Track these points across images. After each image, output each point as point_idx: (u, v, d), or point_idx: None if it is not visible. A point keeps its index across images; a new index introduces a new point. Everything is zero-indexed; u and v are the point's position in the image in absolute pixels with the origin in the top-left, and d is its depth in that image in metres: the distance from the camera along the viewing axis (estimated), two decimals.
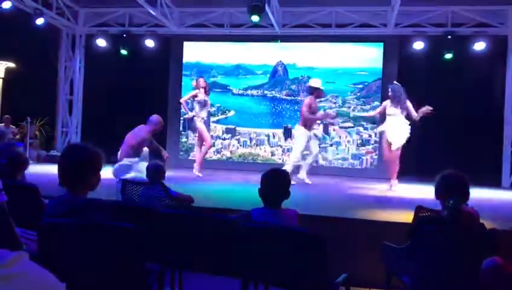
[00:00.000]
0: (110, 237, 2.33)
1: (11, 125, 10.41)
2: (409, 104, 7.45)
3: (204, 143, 8.62)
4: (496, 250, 2.59)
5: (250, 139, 11.08)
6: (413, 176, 8.81)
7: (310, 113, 7.68)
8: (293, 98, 11.00)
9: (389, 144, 7.53)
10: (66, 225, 2.30)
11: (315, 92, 7.88)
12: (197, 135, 8.85)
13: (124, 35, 10.90)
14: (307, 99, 7.95)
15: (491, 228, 2.87)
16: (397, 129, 7.46)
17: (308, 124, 7.75)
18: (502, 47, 9.65)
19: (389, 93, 7.64)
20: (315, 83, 8.00)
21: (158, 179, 4.12)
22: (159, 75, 11.12)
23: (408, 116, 7.46)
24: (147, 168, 4.28)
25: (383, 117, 7.72)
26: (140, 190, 4.14)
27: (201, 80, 8.75)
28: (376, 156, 10.38)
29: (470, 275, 2.56)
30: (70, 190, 2.34)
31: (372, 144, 10.48)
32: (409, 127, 7.47)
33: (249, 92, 11.23)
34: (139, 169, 5.36)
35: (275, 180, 2.93)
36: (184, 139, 11.33)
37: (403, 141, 7.48)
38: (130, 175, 5.26)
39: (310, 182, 7.89)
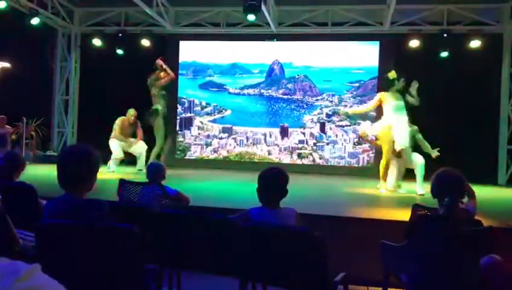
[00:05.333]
0: (108, 238, 2.32)
1: (7, 126, 10.36)
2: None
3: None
4: (493, 247, 2.60)
5: (247, 138, 11.07)
6: (410, 173, 8.80)
7: None
8: (289, 97, 11.00)
9: None
10: (64, 226, 2.29)
11: None
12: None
13: (120, 34, 10.89)
14: None
15: (488, 225, 2.88)
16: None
17: None
18: (497, 45, 9.69)
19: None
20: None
21: (157, 179, 4.12)
22: None
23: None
24: (147, 168, 4.27)
25: None
26: (138, 189, 4.14)
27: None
28: (373, 154, 10.39)
29: (468, 272, 2.57)
30: (69, 191, 2.33)
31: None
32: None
33: (245, 91, 11.22)
34: None
35: (274, 180, 2.91)
36: (181, 139, 11.31)
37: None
38: None
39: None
